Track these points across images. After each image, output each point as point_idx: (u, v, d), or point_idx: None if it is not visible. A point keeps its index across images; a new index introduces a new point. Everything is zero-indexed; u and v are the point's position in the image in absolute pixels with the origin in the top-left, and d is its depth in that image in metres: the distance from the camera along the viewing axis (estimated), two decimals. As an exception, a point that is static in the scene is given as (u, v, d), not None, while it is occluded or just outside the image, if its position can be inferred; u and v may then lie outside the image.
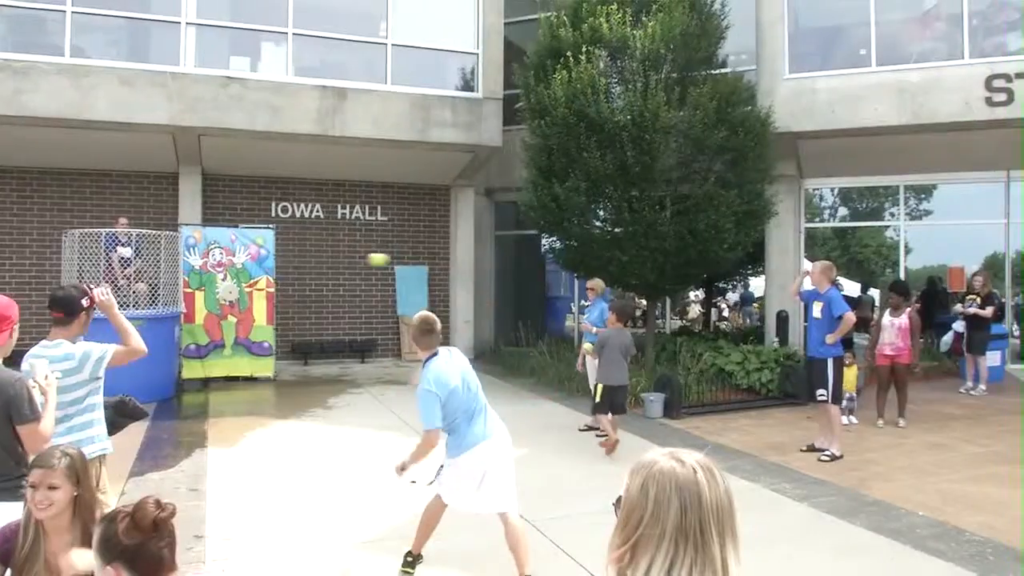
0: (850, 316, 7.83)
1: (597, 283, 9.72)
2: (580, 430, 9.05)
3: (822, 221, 16.90)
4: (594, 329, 8.95)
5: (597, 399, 7.95)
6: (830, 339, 7.86)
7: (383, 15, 13.42)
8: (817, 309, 8.02)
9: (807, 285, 8.53)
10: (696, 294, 20.51)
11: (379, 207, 15.24)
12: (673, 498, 1.41)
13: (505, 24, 14.48)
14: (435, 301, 15.46)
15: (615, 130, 10.48)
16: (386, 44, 13.37)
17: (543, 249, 15.53)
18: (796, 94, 12.32)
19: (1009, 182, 13.62)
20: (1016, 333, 14.56)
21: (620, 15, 10.95)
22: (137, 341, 4.09)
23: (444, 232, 15.74)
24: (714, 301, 19.96)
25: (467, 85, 14.09)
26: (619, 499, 1.52)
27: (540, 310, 17.03)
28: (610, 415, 7.85)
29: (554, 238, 12.56)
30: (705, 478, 1.43)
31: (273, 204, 14.53)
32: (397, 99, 13.17)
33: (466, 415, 4.59)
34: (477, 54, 13.99)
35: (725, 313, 21.61)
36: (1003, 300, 13.23)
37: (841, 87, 12.17)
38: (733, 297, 21.93)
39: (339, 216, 14.96)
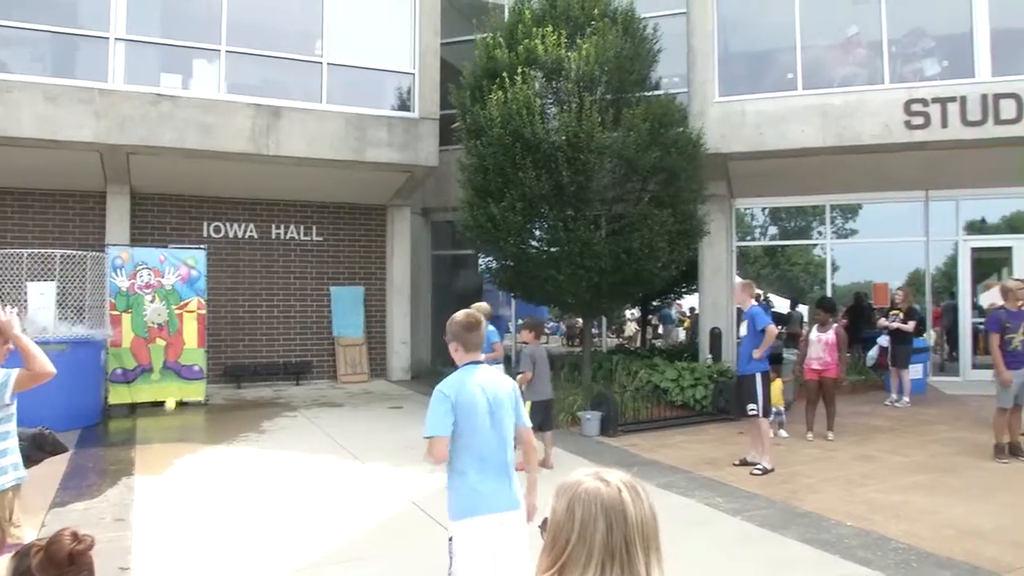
0: (772, 329, 8.09)
1: (483, 307, 8.49)
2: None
3: (753, 239, 17.30)
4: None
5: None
6: (756, 354, 8.09)
7: (318, 33, 13.35)
8: (743, 327, 8.28)
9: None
10: (632, 312, 20.76)
11: (314, 227, 15.08)
12: (599, 518, 1.42)
13: (442, 44, 14.54)
14: (371, 321, 15.36)
15: (550, 150, 10.60)
16: (321, 63, 13.29)
17: (480, 268, 15.56)
18: (726, 116, 12.64)
19: (928, 201, 14.19)
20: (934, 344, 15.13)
21: (555, 37, 11.10)
22: (41, 364, 3.79)
23: (380, 252, 15.65)
24: (649, 319, 20.22)
25: (404, 105, 14.08)
26: (545, 520, 1.53)
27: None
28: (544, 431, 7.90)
29: (490, 258, 12.59)
30: (630, 497, 1.45)
31: (205, 224, 14.25)
32: (333, 118, 13.08)
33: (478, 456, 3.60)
34: (414, 74, 14.00)
35: (660, 330, 21.90)
36: (924, 314, 13.75)
37: (768, 110, 12.53)
38: (674, 313, 22.26)
39: (273, 236, 14.75)
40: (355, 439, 9.45)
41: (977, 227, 14.60)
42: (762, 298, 18.64)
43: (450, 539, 3.59)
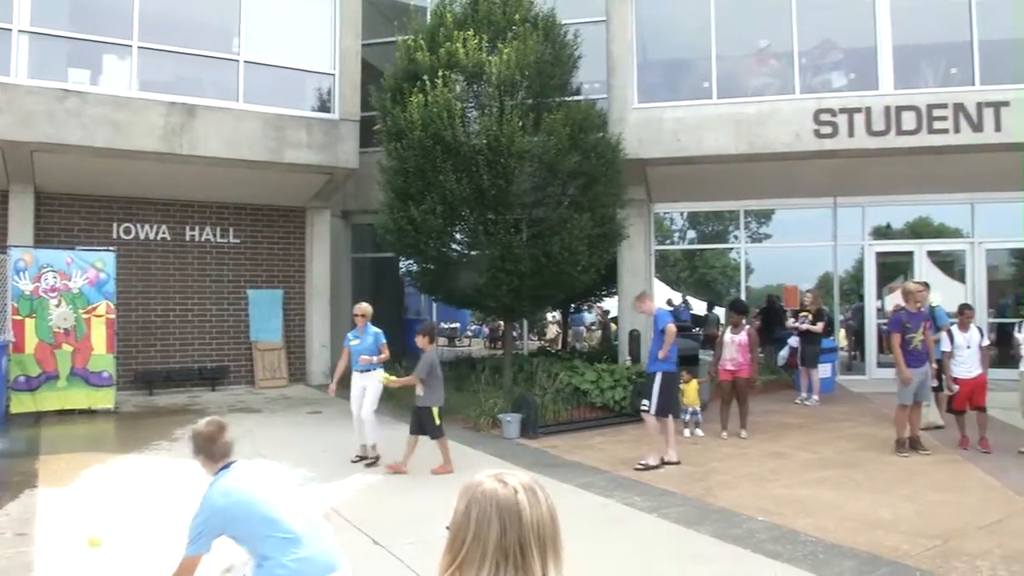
0: (671, 328, 8.37)
1: (366, 308, 8.84)
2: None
3: (672, 243, 17.69)
4: (375, 359, 8.43)
5: (438, 422, 7.89)
6: (661, 354, 8.35)
7: (236, 31, 13.06)
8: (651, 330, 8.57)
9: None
10: (553, 315, 20.94)
11: (231, 229, 14.74)
12: (493, 519, 1.43)
13: (363, 45, 14.41)
14: (290, 325, 15.10)
15: (471, 154, 10.62)
16: (238, 61, 13.01)
17: (401, 271, 15.48)
18: (644, 122, 12.89)
19: (836, 207, 14.77)
20: (844, 346, 15.73)
21: (476, 41, 11.13)
22: None
23: (300, 254, 15.40)
24: (570, 321, 20.44)
25: (324, 106, 13.91)
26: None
27: (399, 332, 16.90)
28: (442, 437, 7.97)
29: (411, 261, 12.53)
30: (527, 499, 1.47)
31: (115, 225, 13.76)
32: (250, 118, 12.82)
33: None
34: (334, 74, 13.84)
35: (584, 333, 22.16)
36: (832, 316, 14.28)
37: (685, 117, 12.83)
38: (589, 317, 22.51)
39: (188, 238, 14.35)
40: (273, 445, 9.26)
41: (882, 232, 15.26)
42: (681, 300, 19.06)
43: None
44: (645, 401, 8.41)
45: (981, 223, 14.57)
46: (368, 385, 8.41)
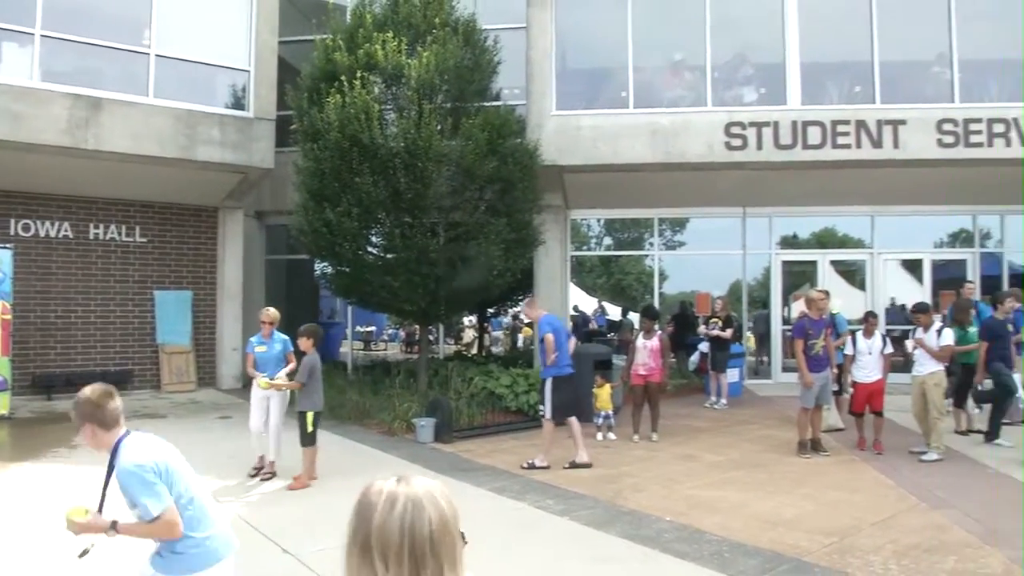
0: (549, 337, 8.49)
1: (274, 315, 8.43)
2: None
3: (589, 249, 17.93)
4: (280, 375, 8.05)
5: (310, 428, 7.54)
6: (548, 360, 8.51)
7: (147, 23, 12.64)
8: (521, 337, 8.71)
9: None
10: (470, 319, 20.96)
11: (138, 227, 14.22)
12: (387, 521, 1.44)
13: (280, 43, 14.16)
14: (200, 328, 14.68)
15: (388, 157, 10.55)
16: (149, 54, 12.60)
17: (316, 274, 15.24)
18: (562, 129, 13.04)
19: (745, 217, 15.24)
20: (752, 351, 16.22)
21: (396, 43, 11.07)
22: None
23: (211, 255, 14.98)
24: (486, 326, 20.50)
25: (238, 103, 13.60)
26: None
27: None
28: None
29: (326, 263, 12.36)
30: (423, 503, 1.47)
31: (12, 221, 13.11)
32: (160, 113, 12.44)
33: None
34: (249, 72, 13.55)
35: (502, 337, 22.24)
36: (741, 322, 14.73)
37: (603, 125, 13.04)
38: (506, 321, 22.61)
39: (91, 236, 13.78)
40: (178, 452, 8.97)
41: (789, 242, 15.81)
42: (597, 306, 19.35)
43: None
44: (541, 406, 8.62)
45: (880, 235, 15.28)
46: (272, 395, 8.06)
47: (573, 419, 8.55)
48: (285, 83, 12.98)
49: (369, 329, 23.50)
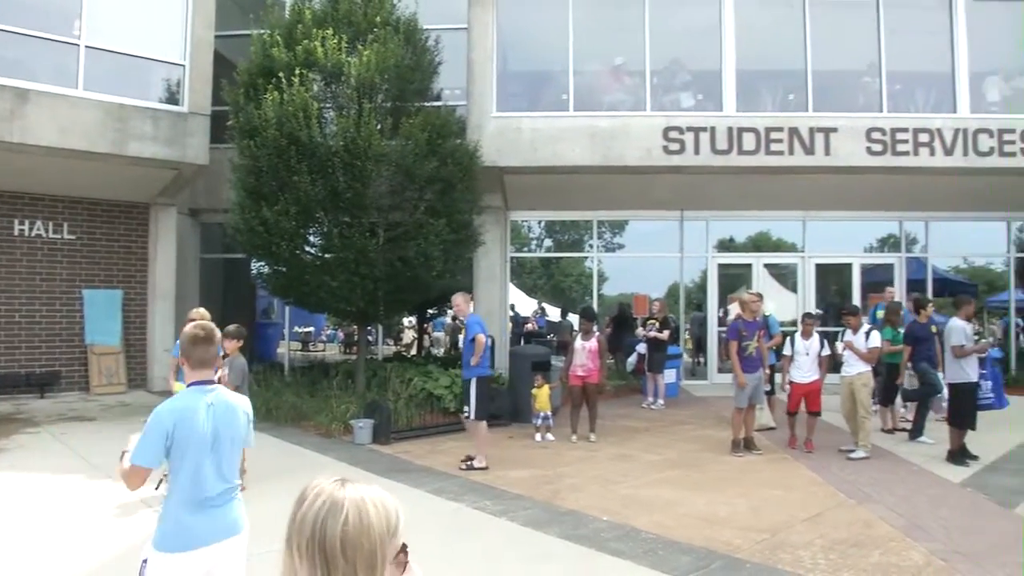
0: (481, 338, 8.53)
1: (203, 314, 7.91)
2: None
3: (529, 251, 18.01)
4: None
5: None
6: (473, 361, 8.50)
7: (77, 13, 12.23)
8: (461, 336, 8.72)
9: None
10: (410, 320, 20.84)
11: (66, 224, 13.76)
12: (309, 518, 1.44)
13: (217, 37, 13.85)
14: (130, 328, 14.27)
15: (327, 155, 10.43)
16: (79, 45, 12.19)
17: (253, 273, 14.97)
18: (502, 131, 13.08)
19: (683, 220, 15.49)
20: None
21: (335, 41, 10.94)
22: None
23: (142, 253, 14.57)
24: (425, 327, 20.41)
25: (172, 98, 13.26)
26: None
27: (249, 336, 16.38)
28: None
29: (263, 263, 12.15)
30: (351, 504, 1.47)
31: (-69, 217, 12.59)
32: (90, 107, 12.05)
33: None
34: (184, 66, 13.23)
35: (443, 338, 22.14)
36: (678, 324, 14.97)
37: (543, 127, 13.11)
38: (447, 322, 22.54)
39: (16, 232, 13.27)
40: (109, 457, 8.70)
41: (726, 245, 16.13)
42: (537, 307, 19.44)
43: (144, 561, 3.16)
44: (466, 408, 8.60)
45: (811, 238, 15.70)
46: None
47: (484, 423, 8.63)
48: (221, 78, 12.69)
49: (307, 330, 23.16)
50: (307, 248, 11.47)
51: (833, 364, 10.12)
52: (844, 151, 13.04)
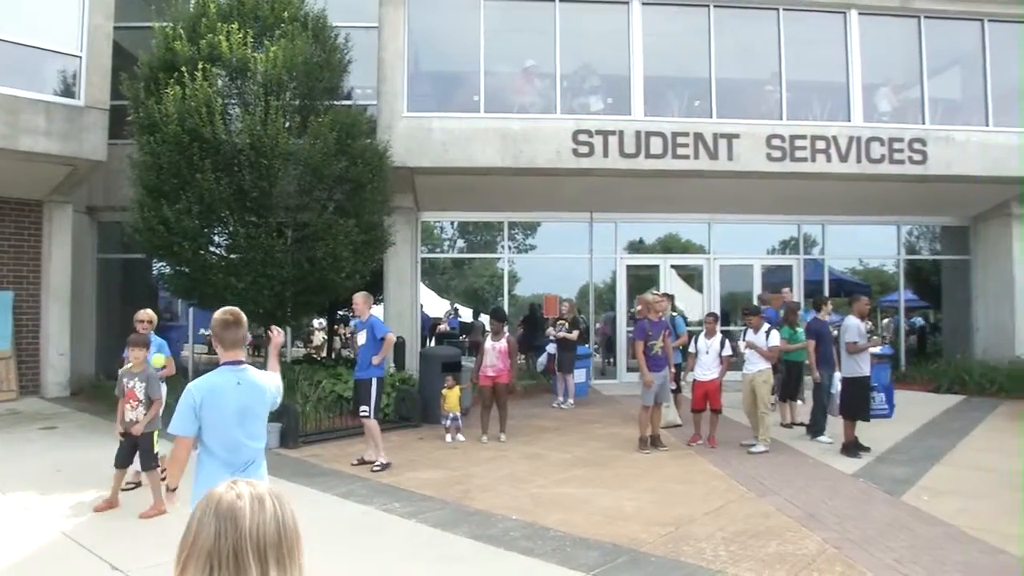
0: (391, 336, 8.65)
1: (150, 314, 8.21)
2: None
3: (441, 251, 17.97)
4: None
5: (156, 449, 6.92)
6: (375, 360, 8.57)
7: (-38, 0, 11.60)
8: (362, 336, 8.71)
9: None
10: (320, 321, 20.50)
11: (-51, 222, 13.03)
12: (211, 524, 1.43)
13: (116, 28, 13.32)
14: (22, 331, 13.56)
15: (232, 153, 10.19)
16: (-36, 34, 11.57)
17: (154, 274, 14.45)
18: (413, 131, 13.01)
19: (592, 222, 15.74)
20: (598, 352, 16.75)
21: (241, 35, 10.70)
22: None
23: (35, 253, 13.86)
24: (336, 328, 20.12)
25: (68, 91, 12.68)
26: None
27: (152, 340, 15.82)
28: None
29: (164, 263, 11.76)
30: (250, 507, 1.46)
31: None
32: (-24, 98, 11.44)
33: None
34: (80, 57, 12.66)
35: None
36: (587, 324, 15.20)
37: (454, 128, 13.11)
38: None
39: None
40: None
41: (635, 247, 16.47)
42: (450, 308, 19.40)
43: None
44: (364, 408, 8.61)
45: (716, 241, 16.19)
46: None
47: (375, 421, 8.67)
48: (121, 71, 12.21)
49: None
50: (211, 248, 11.16)
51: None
52: (746, 157, 13.49)
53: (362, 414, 8.64)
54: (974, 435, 10.49)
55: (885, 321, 18.04)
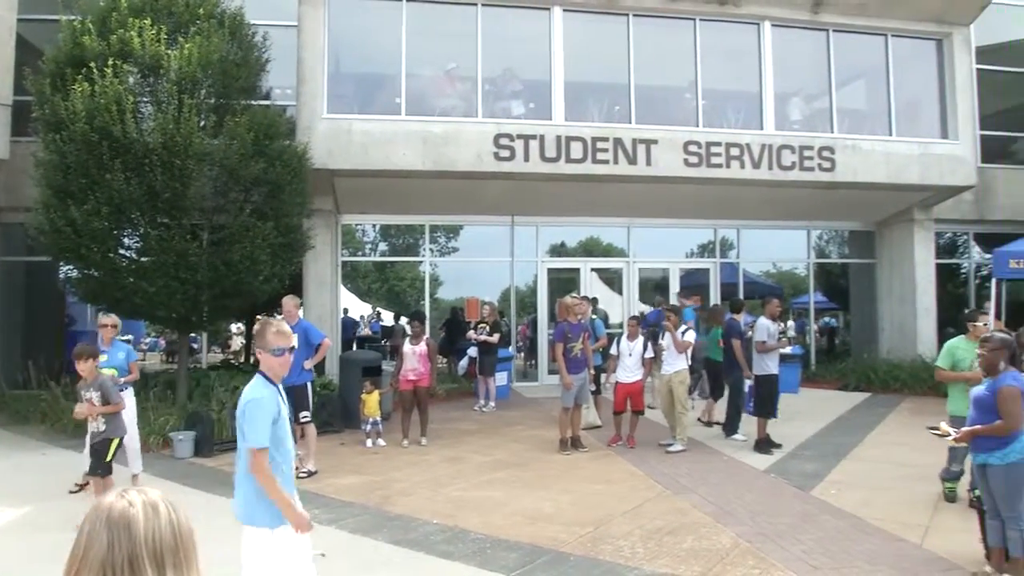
0: (327, 342, 8.67)
1: (114, 318, 8.17)
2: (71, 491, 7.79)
3: (363, 255, 17.79)
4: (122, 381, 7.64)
5: (110, 457, 6.63)
6: (308, 364, 8.55)
7: None
8: (293, 339, 8.57)
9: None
10: (238, 326, 20.04)
11: None
12: (102, 533, 1.41)
13: (20, 21, 12.79)
14: (-85, 338, 12.88)
15: (144, 152, 9.87)
16: None
17: (61, 278, 13.87)
18: (333, 133, 12.84)
19: (514, 226, 15.82)
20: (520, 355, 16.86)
21: (154, 31, 10.38)
22: None
23: (-70, 256, 13.19)
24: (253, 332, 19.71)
25: (-34, 86, 12.10)
26: None
27: (58, 346, 15.12)
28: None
29: (71, 266, 11.31)
30: (144, 514, 1.44)
31: None
32: None
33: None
34: (-20, 51, 12.11)
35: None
36: (509, 327, 15.28)
37: (375, 131, 12.99)
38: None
39: None
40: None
41: (557, 250, 16.62)
42: (372, 312, 19.22)
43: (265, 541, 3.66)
44: (305, 413, 8.52)
45: (636, 244, 16.48)
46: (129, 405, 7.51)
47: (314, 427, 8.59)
48: (25, 66, 11.70)
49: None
50: (121, 251, 10.79)
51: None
52: (664, 162, 13.77)
53: (304, 420, 8.47)
54: (879, 430, 10.98)
55: (790, 323, 18.68)
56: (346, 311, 16.39)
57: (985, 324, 7.59)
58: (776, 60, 14.79)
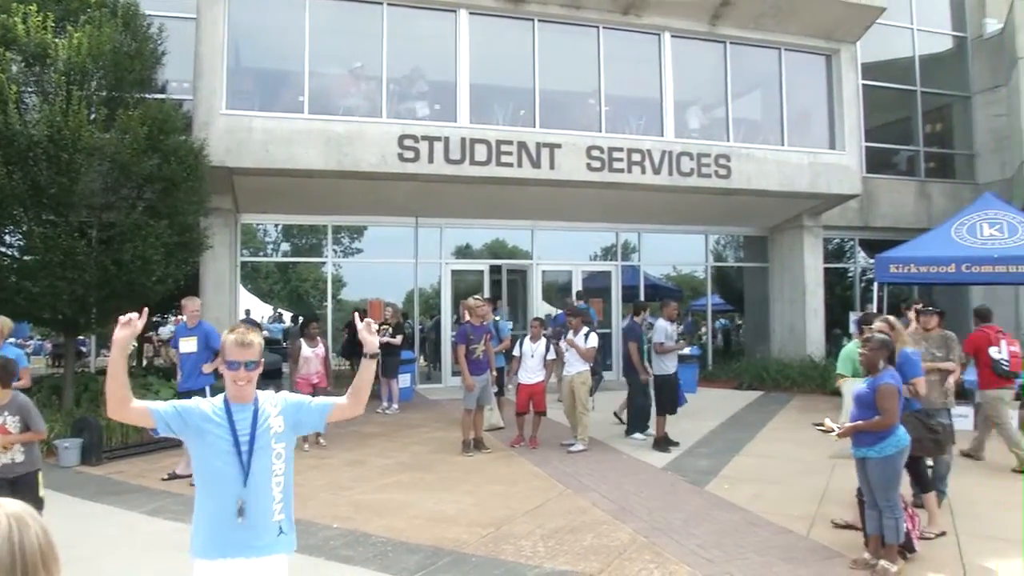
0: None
1: (7, 323, 7.58)
2: None
3: (265, 255, 17.40)
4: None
5: (42, 491, 5.94)
6: (208, 368, 8.37)
7: None
8: (192, 343, 8.42)
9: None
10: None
11: None
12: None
13: None
14: None
15: (27, 145, 9.39)
16: None
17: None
18: (232, 130, 12.49)
19: (418, 228, 15.78)
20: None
21: (40, 18, 9.89)
22: None
23: None
24: (147, 335, 19.01)
25: None
26: None
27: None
28: None
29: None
30: (29, 522, 1.37)
31: None
32: None
33: None
34: None
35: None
36: (412, 329, 15.21)
37: (276, 129, 12.70)
38: (166, 331, 21.12)
39: None
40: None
41: (462, 252, 16.64)
42: (274, 313, 18.81)
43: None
44: None
45: (540, 247, 16.68)
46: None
47: None
48: None
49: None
50: (2, 249, 10.24)
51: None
52: (567, 166, 13.97)
53: None
54: (770, 427, 11.45)
55: (680, 327, 19.20)
56: (248, 312, 15.96)
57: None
58: (676, 69, 15.22)
